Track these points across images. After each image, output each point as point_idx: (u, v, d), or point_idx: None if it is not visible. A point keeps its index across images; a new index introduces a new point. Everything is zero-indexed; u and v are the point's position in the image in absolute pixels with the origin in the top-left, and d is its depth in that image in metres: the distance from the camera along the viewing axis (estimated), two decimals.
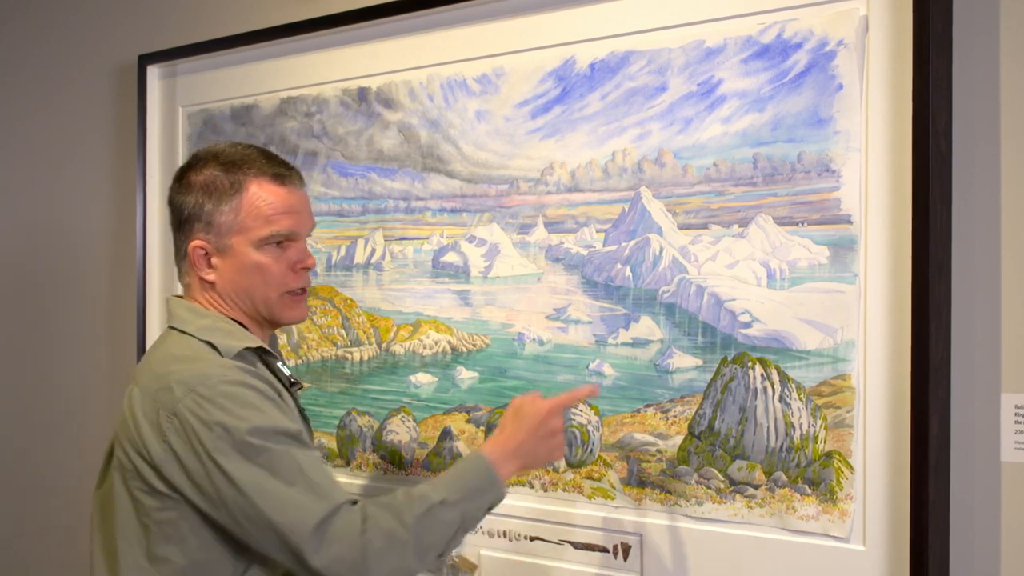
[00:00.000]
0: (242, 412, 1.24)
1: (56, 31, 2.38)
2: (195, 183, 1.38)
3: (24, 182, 2.45)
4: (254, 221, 1.36)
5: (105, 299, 2.28)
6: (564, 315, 1.60)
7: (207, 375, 1.27)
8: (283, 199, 1.39)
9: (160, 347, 1.39)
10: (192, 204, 1.38)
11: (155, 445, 1.27)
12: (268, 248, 1.37)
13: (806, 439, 1.37)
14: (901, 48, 1.30)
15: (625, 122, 1.53)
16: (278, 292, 1.39)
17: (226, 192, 1.36)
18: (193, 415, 1.25)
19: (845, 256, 1.35)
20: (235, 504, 1.23)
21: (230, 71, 2.01)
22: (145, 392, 1.31)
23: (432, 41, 1.73)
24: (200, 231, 1.37)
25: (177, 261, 1.44)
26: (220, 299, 1.40)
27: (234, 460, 1.23)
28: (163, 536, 1.29)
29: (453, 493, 1.27)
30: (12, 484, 2.48)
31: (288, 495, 1.22)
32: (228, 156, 1.39)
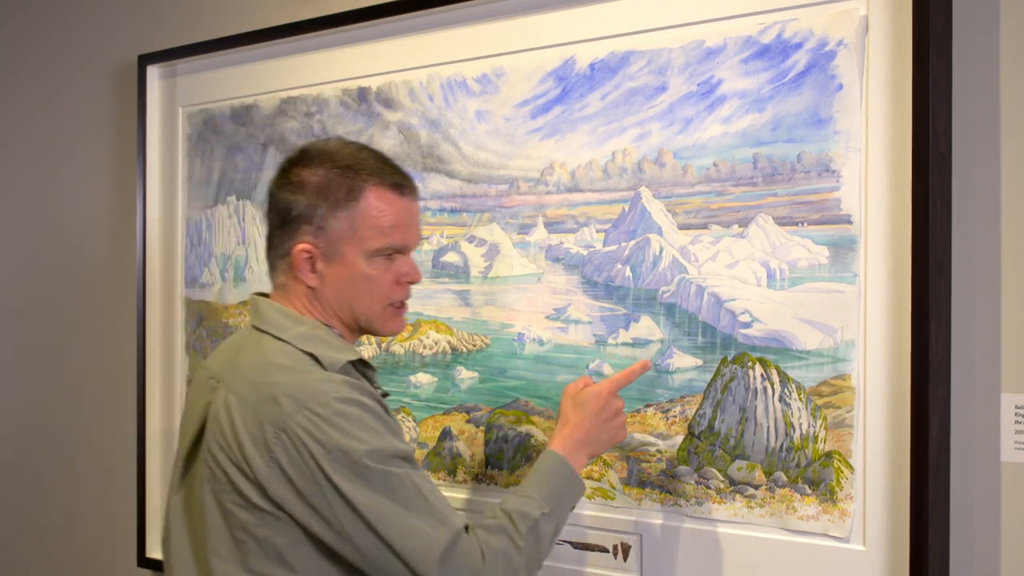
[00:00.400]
0: (360, 434, 1.18)
1: (56, 31, 2.38)
2: (308, 182, 1.30)
3: (24, 182, 2.45)
4: (369, 231, 1.30)
5: (105, 299, 2.28)
6: (564, 315, 1.60)
7: (320, 391, 1.20)
8: (401, 211, 1.32)
9: (253, 351, 1.29)
10: (303, 204, 1.30)
11: (259, 462, 1.20)
12: (378, 260, 1.31)
13: (806, 439, 1.37)
14: (901, 48, 1.30)
15: (625, 122, 1.53)
16: (382, 305, 1.34)
17: (342, 198, 1.29)
18: (307, 433, 1.18)
19: (845, 256, 1.35)
20: (354, 530, 1.18)
21: (230, 71, 2.01)
22: (244, 401, 1.23)
23: (432, 41, 1.73)
24: (309, 234, 1.30)
25: (272, 258, 1.36)
26: (318, 305, 1.33)
27: (354, 484, 1.17)
28: (261, 552, 1.22)
29: (547, 503, 1.27)
30: (12, 484, 2.48)
31: (411, 523, 1.18)
32: (344, 158, 1.32)
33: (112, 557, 2.25)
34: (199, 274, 2.08)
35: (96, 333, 2.30)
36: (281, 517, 1.21)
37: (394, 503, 1.18)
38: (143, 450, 2.11)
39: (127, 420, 2.20)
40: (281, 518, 1.21)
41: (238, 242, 2.02)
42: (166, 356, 2.12)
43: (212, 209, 2.06)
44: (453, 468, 1.70)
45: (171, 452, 2.10)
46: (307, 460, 1.18)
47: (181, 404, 2.09)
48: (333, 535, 1.20)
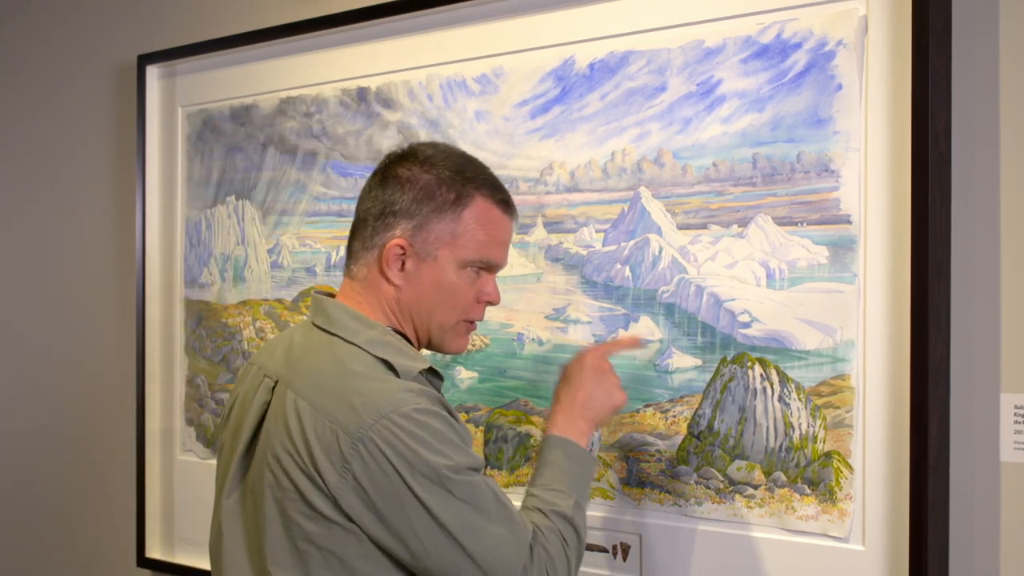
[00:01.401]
0: (441, 447, 1.15)
1: (56, 31, 2.38)
2: (416, 179, 1.26)
3: (24, 182, 2.45)
4: (469, 241, 1.26)
5: (105, 299, 2.28)
6: (563, 315, 1.60)
7: (400, 401, 1.16)
8: (502, 228, 1.30)
9: (322, 354, 1.24)
10: (408, 200, 1.25)
11: (331, 473, 1.15)
12: (467, 272, 1.27)
13: (805, 439, 1.37)
14: (900, 48, 1.30)
15: (624, 122, 1.53)
16: (457, 319, 1.30)
17: (450, 202, 1.25)
18: (387, 444, 1.14)
19: (844, 256, 1.35)
20: (434, 542, 1.15)
21: (229, 71, 2.01)
22: (317, 408, 1.17)
23: (431, 41, 1.73)
24: (407, 230, 1.25)
25: (357, 249, 1.29)
26: (394, 307, 1.28)
27: (438, 496, 1.14)
28: (324, 563, 1.18)
29: (573, 492, 1.27)
30: (12, 484, 2.48)
31: (496, 533, 1.16)
32: (457, 164, 1.28)
33: (111, 557, 2.25)
34: (198, 274, 2.08)
35: (96, 333, 2.30)
36: (351, 529, 1.17)
37: (477, 512, 1.16)
38: (143, 450, 2.11)
39: (127, 420, 2.20)
40: (351, 530, 1.17)
41: (237, 242, 2.02)
42: (165, 356, 2.12)
43: (211, 209, 2.06)
44: None
45: (170, 452, 2.10)
46: (387, 472, 1.14)
47: (181, 403, 2.09)
48: (407, 549, 1.16)
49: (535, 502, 1.26)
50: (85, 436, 2.32)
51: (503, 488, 1.64)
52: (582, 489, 1.30)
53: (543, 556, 1.20)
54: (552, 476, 1.28)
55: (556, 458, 1.29)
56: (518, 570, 1.16)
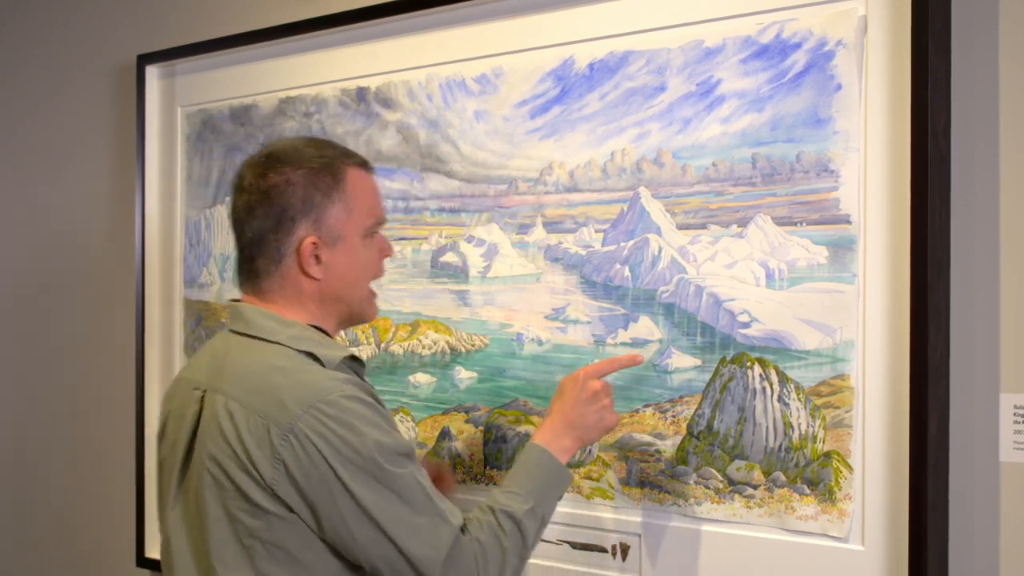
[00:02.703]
0: (368, 431, 1.19)
1: (56, 31, 2.38)
2: (295, 179, 1.30)
3: (23, 182, 2.45)
4: (361, 209, 1.33)
5: (104, 299, 2.28)
6: (563, 315, 1.60)
7: (325, 389, 1.20)
8: (375, 184, 1.38)
9: (246, 356, 1.28)
10: (298, 201, 1.29)
11: (266, 466, 1.19)
12: (368, 238, 1.35)
13: (805, 439, 1.37)
14: (900, 48, 1.30)
15: (624, 122, 1.53)
16: (370, 283, 1.38)
17: (331, 185, 1.31)
18: (316, 433, 1.18)
19: (844, 256, 1.35)
20: (361, 529, 1.19)
21: (229, 71, 2.01)
22: (248, 407, 1.21)
23: (431, 41, 1.73)
24: (309, 227, 1.29)
25: (261, 264, 1.32)
26: (316, 300, 1.32)
27: (363, 483, 1.18)
28: (270, 557, 1.21)
29: (531, 498, 1.28)
30: (12, 484, 2.48)
31: (418, 522, 1.19)
32: (316, 150, 1.34)
33: (111, 557, 2.25)
34: (198, 274, 2.08)
35: (95, 333, 2.30)
36: (291, 520, 1.20)
37: (402, 502, 1.19)
38: (142, 450, 2.11)
39: (126, 420, 2.20)
40: (291, 520, 1.20)
41: None
42: (165, 356, 2.12)
43: (211, 209, 2.06)
44: (452, 468, 1.70)
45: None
46: (316, 460, 1.18)
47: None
48: (338, 535, 1.20)
49: (488, 500, 1.30)
50: (85, 436, 2.32)
51: None
52: (544, 499, 1.31)
53: (472, 547, 1.22)
54: (515, 481, 1.31)
55: (527, 465, 1.33)
56: (440, 559, 1.19)
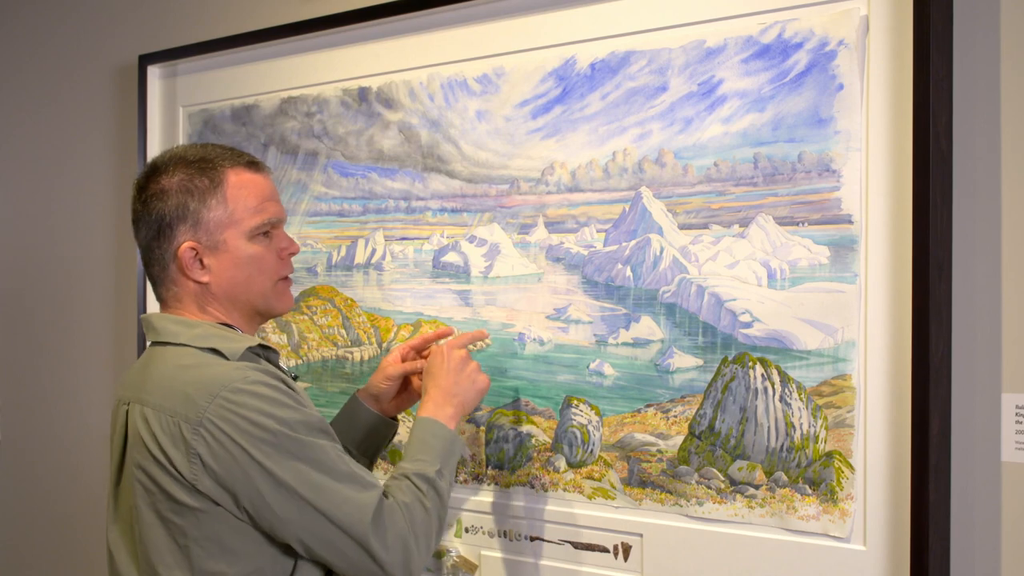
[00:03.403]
0: (273, 410, 1.22)
1: (56, 31, 2.38)
2: (169, 187, 1.33)
3: (24, 182, 2.45)
4: (243, 212, 1.34)
5: (105, 299, 2.28)
6: (564, 315, 1.60)
7: (227, 379, 1.23)
8: (263, 186, 1.37)
9: (157, 362, 1.31)
10: (173, 207, 1.32)
11: (183, 462, 1.22)
12: (258, 238, 1.36)
13: (806, 439, 1.37)
14: (901, 48, 1.30)
15: (625, 122, 1.53)
16: (272, 281, 1.38)
17: (207, 188, 1.33)
18: (223, 420, 1.21)
19: (846, 256, 1.35)
20: (284, 505, 1.21)
21: (230, 71, 2.01)
22: (159, 409, 1.25)
23: (432, 41, 1.73)
24: (188, 232, 1.32)
25: (156, 273, 1.37)
26: (213, 302, 1.36)
27: (277, 459, 1.20)
28: (206, 553, 1.24)
29: (437, 461, 1.34)
30: (12, 484, 2.48)
31: (338, 488, 1.22)
32: (195, 154, 1.36)
33: None
34: None
35: (96, 333, 2.30)
36: (217, 512, 1.23)
37: (319, 472, 1.22)
38: None
39: None
40: (217, 513, 1.23)
41: None
42: None
43: None
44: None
45: None
46: (228, 447, 1.21)
47: None
48: (263, 517, 1.23)
49: (397, 471, 1.33)
50: (85, 436, 2.32)
51: (501, 488, 1.64)
52: (447, 461, 1.36)
53: (399, 508, 1.26)
54: (417, 450, 1.36)
55: (423, 436, 1.37)
56: (368, 521, 1.22)
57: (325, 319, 1.89)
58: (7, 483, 2.49)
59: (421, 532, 1.27)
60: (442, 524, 1.32)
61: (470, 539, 1.67)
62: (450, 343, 1.48)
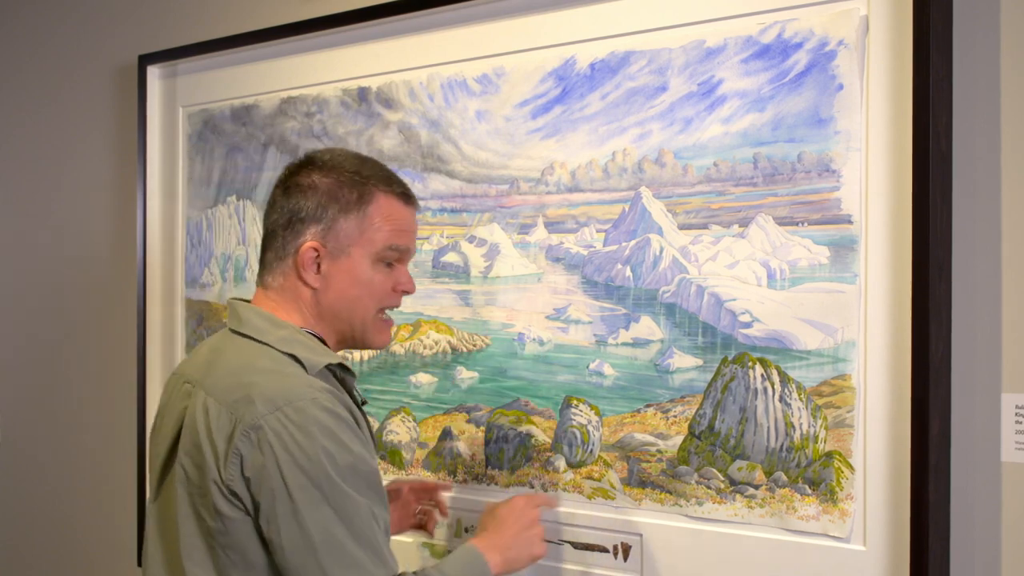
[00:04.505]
0: (326, 443, 1.17)
1: (56, 31, 2.38)
2: (319, 185, 1.32)
3: (25, 182, 2.45)
4: (377, 233, 1.32)
5: (105, 299, 2.28)
6: (564, 315, 1.60)
7: (296, 394, 1.19)
8: (406, 218, 1.36)
9: (232, 354, 1.29)
10: (313, 205, 1.31)
11: (224, 460, 1.19)
12: (380, 265, 1.33)
13: (806, 439, 1.37)
14: (901, 48, 1.30)
15: (625, 122, 1.53)
16: (376, 309, 1.34)
17: (353, 201, 1.31)
18: (275, 435, 1.17)
19: (845, 256, 1.35)
20: (290, 538, 1.17)
21: (230, 71, 2.01)
22: (221, 403, 1.22)
23: (432, 41, 1.73)
24: (317, 234, 1.30)
25: (270, 260, 1.34)
26: (314, 309, 1.32)
27: (309, 494, 1.16)
28: (231, 562, 1.21)
29: None
30: (12, 484, 2.48)
31: (353, 552, 1.16)
32: (354, 166, 1.34)
33: (111, 557, 2.25)
34: (199, 274, 2.08)
35: (96, 333, 2.30)
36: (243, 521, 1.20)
37: (342, 525, 1.16)
38: (143, 450, 2.11)
39: (127, 420, 2.20)
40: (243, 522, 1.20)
41: (238, 242, 2.02)
42: (166, 356, 2.12)
43: (212, 209, 2.06)
44: (453, 468, 1.70)
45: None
46: (267, 459, 1.17)
47: None
48: (270, 537, 1.18)
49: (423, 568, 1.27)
50: (86, 436, 2.32)
51: (501, 488, 1.64)
52: None
53: None
54: (452, 564, 1.28)
55: (462, 557, 1.30)
56: None
57: None
58: (7, 483, 2.49)
59: None
60: None
61: None
62: (527, 500, 1.42)
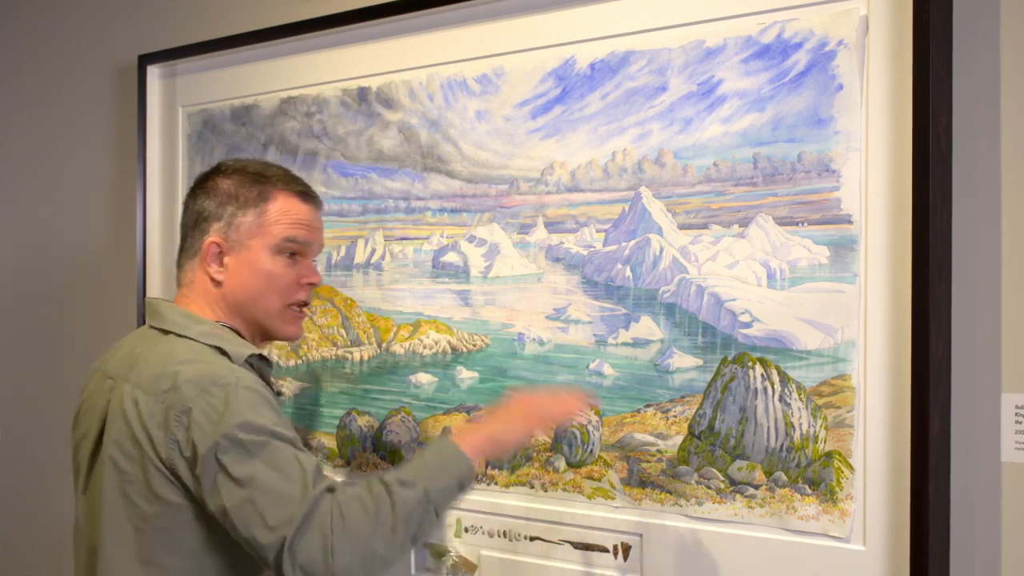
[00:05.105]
0: (249, 414, 1.25)
1: (56, 31, 2.38)
2: (221, 187, 1.43)
3: (24, 182, 2.45)
4: (274, 227, 1.41)
5: (105, 299, 2.28)
6: (564, 315, 1.60)
7: (219, 376, 1.28)
8: (304, 214, 1.45)
9: (157, 348, 1.36)
10: (215, 205, 1.42)
11: (163, 446, 1.27)
12: (281, 257, 1.42)
13: (806, 439, 1.37)
14: (901, 48, 1.30)
15: (625, 122, 1.53)
16: (282, 303, 1.43)
17: (252, 198, 1.41)
18: (203, 414, 1.25)
19: (845, 256, 1.35)
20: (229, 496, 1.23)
21: (230, 71, 2.01)
22: (150, 393, 1.30)
23: (432, 41, 1.73)
24: (219, 230, 1.41)
25: (182, 260, 1.46)
26: (222, 302, 1.42)
27: (237, 456, 1.23)
28: (159, 542, 1.30)
29: (411, 472, 1.27)
30: (12, 484, 2.48)
31: (282, 489, 1.23)
32: (256, 169, 1.45)
33: None
34: None
35: (96, 332, 2.30)
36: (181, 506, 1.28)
37: (271, 471, 1.23)
38: None
39: None
40: (181, 507, 1.29)
41: None
42: None
43: None
44: None
45: None
46: (199, 437, 1.24)
47: None
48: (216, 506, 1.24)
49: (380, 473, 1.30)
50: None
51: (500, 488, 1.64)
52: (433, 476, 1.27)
53: (330, 505, 1.22)
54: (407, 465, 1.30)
55: (426, 450, 1.32)
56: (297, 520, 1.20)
57: (325, 319, 1.89)
58: (7, 483, 2.49)
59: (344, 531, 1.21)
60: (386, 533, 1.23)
61: (470, 539, 1.67)
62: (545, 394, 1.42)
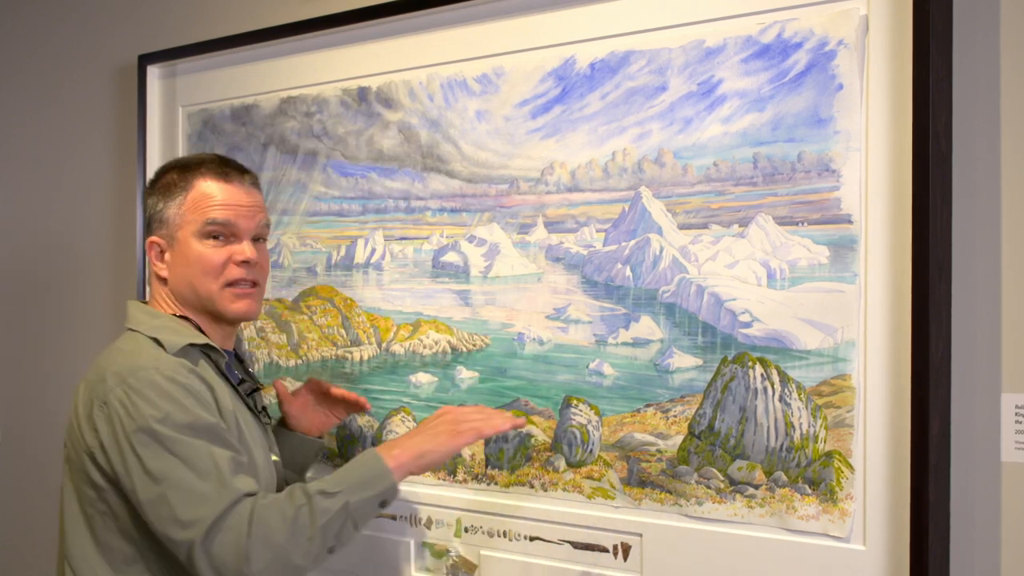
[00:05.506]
0: (163, 403, 1.30)
1: (56, 31, 2.38)
2: (156, 187, 1.50)
3: (24, 182, 2.45)
4: (194, 213, 1.45)
5: (105, 299, 2.28)
6: (564, 315, 1.60)
7: (139, 366, 1.34)
8: (227, 193, 1.46)
9: (112, 344, 1.46)
10: (151, 205, 1.49)
11: (89, 435, 1.35)
12: (208, 240, 1.45)
13: (806, 439, 1.37)
14: (901, 48, 1.30)
15: (625, 122, 1.53)
16: (218, 284, 1.45)
17: (176, 191, 1.46)
18: (120, 404, 1.31)
19: (845, 256, 1.35)
20: (144, 489, 1.28)
21: (230, 71, 2.01)
22: (86, 386, 1.38)
23: (432, 41, 1.73)
24: (157, 229, 1.48)
25: (148, 264, 1.53)
26: (173, 296, 1.48)
27: (151, 449, 1.28)
28: (106, 526, 1.37)
29: (334, 484, 1.32)
30: (12, 484, 2.48)
31: (195, 486, 1.27)
32: (185, 161, 1.51)
33: None
34: None
35: (96, 332, 2.30)
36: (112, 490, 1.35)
37: (184, 468, 1.27)
38: None
39: None
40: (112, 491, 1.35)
41: None
42: None
43: None
44: (453, 468, 1.70)
45: None
46: (116, 428, 1.31)
47: None
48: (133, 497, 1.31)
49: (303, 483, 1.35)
50: None
51: (500, 488, 1.64)
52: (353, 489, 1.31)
53: (247, 509, 1.26)
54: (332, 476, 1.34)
55: (351, 462, 1.36)
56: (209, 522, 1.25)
57: (324, 319, 1.89)
58: (7, 483, 2.49)
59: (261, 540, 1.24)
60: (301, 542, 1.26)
61: (470, 539, 1.67)
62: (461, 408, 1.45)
